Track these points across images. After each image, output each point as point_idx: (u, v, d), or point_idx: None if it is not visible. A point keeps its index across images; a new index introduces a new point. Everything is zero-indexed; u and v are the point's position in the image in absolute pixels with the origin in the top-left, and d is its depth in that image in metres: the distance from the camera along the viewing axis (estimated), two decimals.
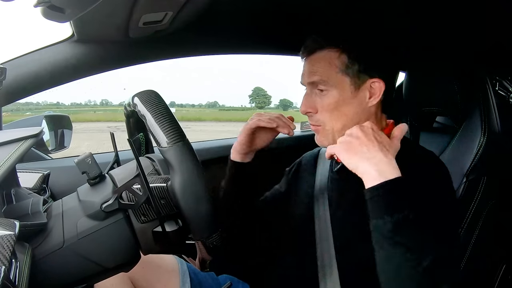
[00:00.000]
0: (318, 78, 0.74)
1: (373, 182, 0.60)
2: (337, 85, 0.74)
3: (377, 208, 0.60)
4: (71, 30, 0.94)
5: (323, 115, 0.76)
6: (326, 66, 0.74)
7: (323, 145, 0.79)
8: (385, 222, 0.58)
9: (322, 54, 0.75)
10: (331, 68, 0.74)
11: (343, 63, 0.73)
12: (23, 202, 0.60)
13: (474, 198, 0.84)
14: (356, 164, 0.63)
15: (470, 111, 0.93)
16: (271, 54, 1.39)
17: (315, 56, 0.76)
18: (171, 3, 0.78)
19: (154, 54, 1.12)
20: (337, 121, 0.75)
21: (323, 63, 0.74)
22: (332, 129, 0.76)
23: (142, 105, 0.57)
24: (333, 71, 0.73)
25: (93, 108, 37.80)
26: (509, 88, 0.95)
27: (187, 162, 0.53)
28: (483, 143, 0.89)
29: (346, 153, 0.64)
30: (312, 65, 0.76)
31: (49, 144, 1.31)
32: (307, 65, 0.77)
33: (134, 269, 0.63)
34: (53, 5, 0.54)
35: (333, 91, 0.74)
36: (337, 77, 0.73)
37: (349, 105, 0.74)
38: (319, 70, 0.74)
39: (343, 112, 0.75)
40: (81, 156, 0.60)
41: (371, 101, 0.75)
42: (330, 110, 0.75)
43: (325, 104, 0.75)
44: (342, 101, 0.74)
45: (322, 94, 0.75)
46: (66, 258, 0.54)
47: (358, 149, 0.63)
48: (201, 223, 0.55)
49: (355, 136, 0.65)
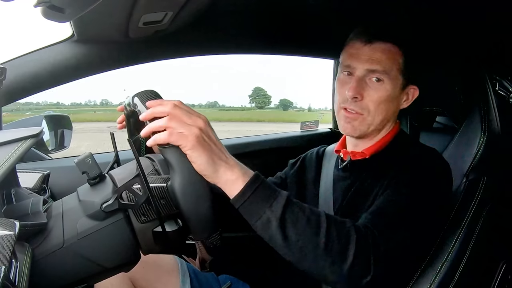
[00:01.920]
0: (381, 67, 0.74)
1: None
2: (393, 81, 0.75)
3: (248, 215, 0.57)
4: (71, 30, 0.94)
5: (371, 105, 0.75)
6: (391, 59, 0.75)
7: (354, 134, 0.78)
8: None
9: (387, 46, 0.75)
10: (394, 63, 0.75)
11: (403, 63, 0.76)
12: (23, 202, 0.60)
13: (474, 198, 0.84)
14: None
15: (470, 111, 0.93)
16: (271, 54, 1.39)
17: (379, 46, 0.74)
18: (171, 3, 0.78)
19: (154, 54, 1.12)
20: (380, 114, 0.76)
21: (388, 55, 0.74)
22: (373, 120, 0.76)
23: (142, 105, 0.57)
24: (395, 67, 0.75)
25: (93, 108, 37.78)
26: (509, 88, 0.95)
27: (187, 162, 0.53)
28: (483, 143, 0.89)
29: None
30: (374, 53, 0.74)
31: (49, 144, 1.31)
32: (367, 50, 0.75)
33: (134, 269, 0.63)
34: (53, 5, 0.54)
35: (388, 85, 0.75)
36: (396, 73, 0.75)
37: (393, 103, 0.77)
38: (384, 61, 0.74)
39: (387, 108, 0.76)
40: (81, 156, 0.60)
41: (403, 104, 0.80)
42: (378, 102, 0.75)
43: (377, 95, 0.75)
44: (391, 97, 0.76)
45: (377, 84, 0.75)
46: (66, 258, 0.54)
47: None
48: (201, 223, 0.55)
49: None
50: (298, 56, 1.43)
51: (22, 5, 0.61)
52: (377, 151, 0.79)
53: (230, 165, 0.55)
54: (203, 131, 0.54)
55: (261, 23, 1.09)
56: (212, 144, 0.54)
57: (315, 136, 1.67)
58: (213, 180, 0.55)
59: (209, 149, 0.53)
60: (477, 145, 0.89)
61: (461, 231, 0.80)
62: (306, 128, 1.71)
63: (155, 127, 0.53)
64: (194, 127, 0.53)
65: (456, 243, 0.79)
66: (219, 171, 0.54)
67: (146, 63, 1.13)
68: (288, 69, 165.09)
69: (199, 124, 0.54)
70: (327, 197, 0.83)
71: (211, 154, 0.53)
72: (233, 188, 0.55)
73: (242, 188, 0.55)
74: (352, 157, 0.81)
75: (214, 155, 0.54)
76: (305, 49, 1.37)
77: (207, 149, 0.53)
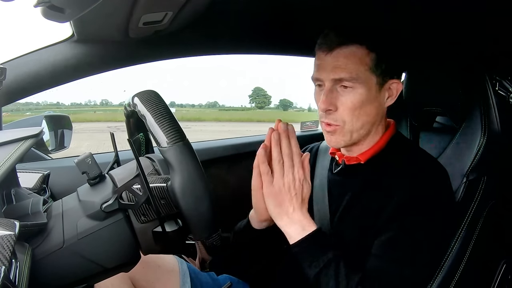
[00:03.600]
0: (347, 74, 0.70)
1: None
2: (365, 83, 0.71)
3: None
4: (71, 30, 0.94)
5: (345, 114, 0.72)
6: (356, 62, 0.71)
7: (339, 145, 0.77)
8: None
9: (349, 50, 0.71)
10: (361, 64, 0.71)
11: (373, 61, 0.71)
12: (23, 202, 0.60)
13: (474, 198, 0.84)
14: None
15: (470, 111, 0.93)
16: (271, 54, 1.39)
17: (341, 51, 0.71)
18: (171, 3, 0.77)
19: (154, 54, 1.12)
20: (358, 120, 0.72)
21: (352, 59, 0.71)
22: (353, 128, 0.73)
23: (142, 105, 0.57)
24: (362, 68, 0.71)
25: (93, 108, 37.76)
26: (509, 88, 0.95)
27: (187, 162, 0.53)
28: (483, 143, 0.89)
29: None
30: (337, 60, 0.71)
31: (49, 144, 1.31)
32: (330, 60, 0.72)
33: (134, 269, 0.63)
34: (53, 5, 0.54)
35: (360, 89, 0.71)
36: (365, 75, 0.71)
37: (371, 105, 0.73)
38: (349, 66, 0.70)
39: (366, 111, 0.72)
40: (81, 156, 0.60)
41: (388, 102, 0.75)
42: (353, 109, 0.71)
43: (349, 102, 0.71)
44: (367, 100, 0.72)
45: (347, 91, 0.71)
46: (66, 258, 0.54)
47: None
48: (201, 223, 0.55)
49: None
50: (298, 56, 1.43)
51: (22, 5, 0.61)
52: (372, 156, 0.77)
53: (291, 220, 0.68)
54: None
55: (261, 23, 1.09)
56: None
57: (315, 136, 1.66)
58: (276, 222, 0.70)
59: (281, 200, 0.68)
60: (477, 145, 0.89)
61: (461, 231, 0.80)
62: (306, 128, 1.71)
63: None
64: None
65: (456, 243, 0.79)
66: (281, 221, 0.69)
67: (146, 63, 1.13)
68: (288, 69, 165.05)
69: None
70: (323, 203, 0.81)
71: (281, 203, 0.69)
72: (288, 237, 0.69)
73: (294, 243, 0.68)
74: (347, 162, 0.79)
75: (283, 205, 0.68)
76: (305, 49, 1.37)
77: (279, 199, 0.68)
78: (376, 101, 0.73)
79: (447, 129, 1.03)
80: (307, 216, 0.69)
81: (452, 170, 0.82)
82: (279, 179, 0.67)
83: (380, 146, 0.77)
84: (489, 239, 0.84)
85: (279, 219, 0.69)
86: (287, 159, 0.68)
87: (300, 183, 0.68)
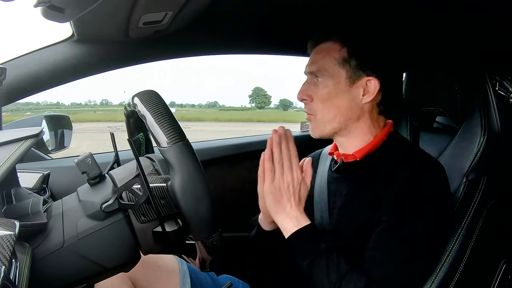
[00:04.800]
0: (316, 68, 0.78)
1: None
2: (333, 77, 0.76)
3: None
4: (71, 30, 0.94)
5: (316, 104, 0.78)
6: (326, 57, 0.77)
7: (317, 135, 0.81)
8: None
9: (325, 46, 0.78)
10: (329, 59, 0.77)
11: (342, 56, 0.76)
12: (23, 202, 0.60)
13: (474, 198, 0.84)
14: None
15: (470, 111, 0.93)
16: (271, 54, 1.39)
17: (318, 48, 0.79)
18: (171, 3, 0.77)
19: (154, 54, 1.12)
20: (328, 111, 0.77)
21: (323, 54, 0.78)
22: (323, 118, 0.78)
23: (142, 105, 0.57)
24: (330, 62, 0.77)
25: (93, 108, 37.78)
26: (509, 88, 0.94)
27: (187, 162, 0.53)
28: (483, 143, 0.89)
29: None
30: (314, 56, 0.79)
31: (49, 144, 1.31)
32: (311, 56, 0.81)
33: (134, 269, 0.63)
34: (53, 5, 0.54)
35: (328, 81, 0.77)
36: (334, 68, 0.76)
37: (341, 98, 0.77)
38: (319, 60, 0.78)
39: (335, 104, 0.77)
40: (81, 156, 0.60)
41: (364, 99, 0.78)
42: (323, 100, 0.77)
43: (319, 93, 0.77)
44: (335, 92, 0.76)
45: (318, 83, 0.78)
46: (66, 258, 0.54)
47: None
48: (201, 223, 0.56)
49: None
50: (298, 56, 1.43)
51: (22, 5, 0.61)
52: (367, 153, 0.79)
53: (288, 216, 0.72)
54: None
55: (261, 23, 1.09)
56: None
57: None
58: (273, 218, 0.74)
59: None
60: (477, 145, 0.89)
61: (461, 231, 0.80)
62: (306, 128, 1.71)
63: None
64: None
65: (456, 243, 0.79)
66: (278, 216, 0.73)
67: (146, 63, 1.13)
68: (288, 69, 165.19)
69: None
70: (322, 199, 0.84)
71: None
72: (284, 231, 0.73)
73: (289, 235, 0.72)
74: (344, 159, 0.81)
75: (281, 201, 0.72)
76: (305, 49, 1.37)
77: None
78: (347, 96, 0.77)
79: (447, 129, 1.03)
80: (303, 214, 0.73)
81: (452, 170, 0.82)
82: (280, 178, 0.72)
83: (375, 144, 0.79)
84: (489, 239, 0.84)
85: (277, 215, 0.73)
86: (286, 160, 0.72)
87: (298, 183, 0.72)
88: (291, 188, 0.72)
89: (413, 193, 0.70)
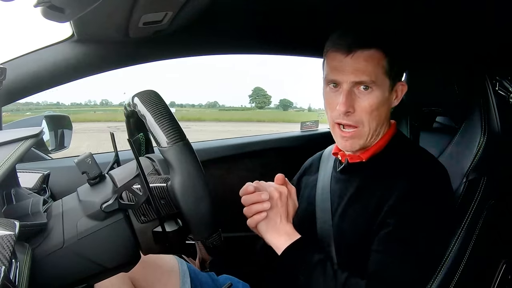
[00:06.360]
0: (368, 77, 0.72)
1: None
2: (381, 86, 0.74)
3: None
4: (71, 30, 0.94)
5: (363, 115, 0.74)
6: (376, 66, 0.73)
7: (354, 149, 0.78)
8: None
9: (369, 54, 0.72)
10: (379, 68, 0.73)
11: (388, 65, 0.74)
12: (23, 202, 0.60)
13: (474, 198, 0.84)
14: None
15: (470, 111, 0.93)
16: (271, 54, 1.39)
17: (361, 54, 0.72)
18: (171, 3, 0.78)
19: (154, 54, 1.12)
20: (373, 121, 0.75)
21: (372, 63, 0.72)
22: (369, 129, 0.75)
23: (142, 105, 0.57)
24: (380, 72, 0.73)
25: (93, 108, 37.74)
26: (509, 88, 0.94)
27: (187, 162, 0.53)
28: (483, 143, 0.89)
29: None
30: (358, 63, 0.72)
31: (49, 144, 1.31)
32: (351, 62, 0.72)
33: (134, 269, 0.63)
34: (53, 5, 0.54)
35: (377, 91, 0.73)
36: (382, 78, 0.74)
37: (384, 106, 0.76)
38: (369, 70, 0.72)
39: (380, 113, 0.75)
40: (81, 156, 0.60)
41: (394, 103, 0.79)
42: (371, 111, 0.73)
43: (368, 104, 0.73)
44: (382, 102, 0.75)
45: (365, 93, 0.73)
46: (66, 258, 0.54)
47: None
48: (201, 223, 0.55)
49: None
50: (298, 56, 1.43)
51: (22, 5, 0.61)
52: (373, 154, 0.79)
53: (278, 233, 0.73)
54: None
55: (261, 23, 1.09)
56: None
57: (315, 136, 1.66)
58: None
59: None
60: (477, 145, 0.89)
61: (461, 231, 0.80)
62: (306, 128, 1.71)
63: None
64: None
65: (456, 243, 0.79)
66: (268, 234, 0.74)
67: (146, 63, 1.13)
68: (288, 69, 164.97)
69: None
70: (325, 199, 0.83)
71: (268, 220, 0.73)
72: (277, 249, 0.73)
73: (282, 252, 0.72)
74: (350, 160, 0.81)
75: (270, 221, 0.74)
76: (305, 49, 1.37)
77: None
78: (387, 103, 0.77)
79: (447, 129, 1.03)
80: (292, 229, 0.75)
81: (452, 170, 0.82)
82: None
83: (381, 145, 0.79)
84: (489, 239, 0.84)
85: (268, 234, 0.74)
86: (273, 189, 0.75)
87: (285, 197, 0.74)
88: (279, 202, 0.73)
89: (417, 195, 0.70)
